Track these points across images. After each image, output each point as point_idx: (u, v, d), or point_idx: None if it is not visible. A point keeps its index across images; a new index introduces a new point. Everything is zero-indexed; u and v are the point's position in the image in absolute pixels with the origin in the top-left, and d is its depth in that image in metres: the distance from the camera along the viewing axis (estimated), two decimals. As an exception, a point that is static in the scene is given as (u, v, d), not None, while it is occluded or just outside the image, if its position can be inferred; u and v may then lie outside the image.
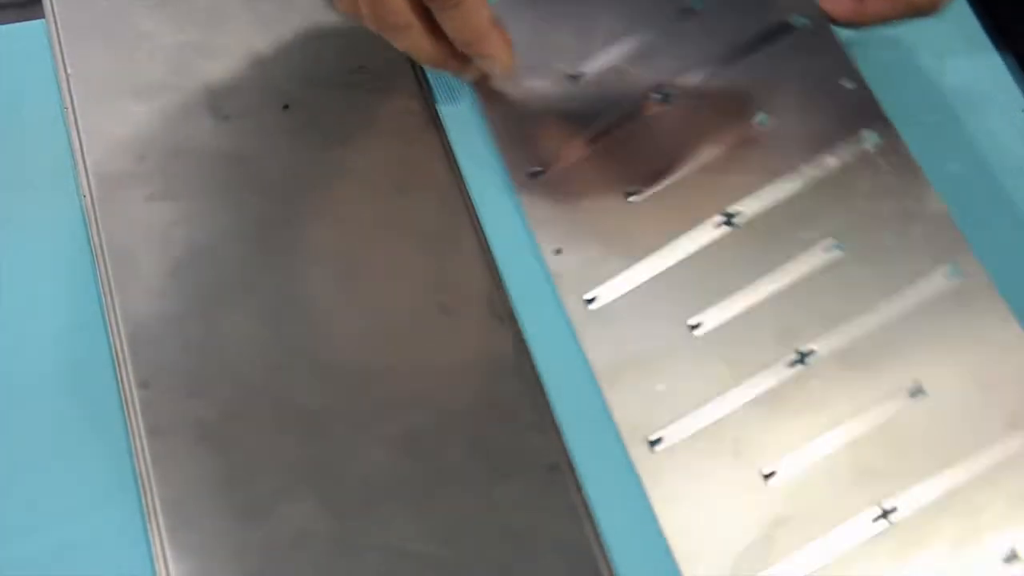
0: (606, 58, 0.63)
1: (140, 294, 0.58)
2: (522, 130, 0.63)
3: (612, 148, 0.61)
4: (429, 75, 0.65)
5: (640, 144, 0.61)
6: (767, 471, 0.53)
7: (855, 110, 0.59)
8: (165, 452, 0.54)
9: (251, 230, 0.60)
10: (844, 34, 0.62)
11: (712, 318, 0.57)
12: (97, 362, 0.57)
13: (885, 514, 0.52)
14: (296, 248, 0.60)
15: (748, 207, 0.58)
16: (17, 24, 0.67)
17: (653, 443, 0.55)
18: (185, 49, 0.65)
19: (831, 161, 0.58)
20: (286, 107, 0.63)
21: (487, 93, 0.64)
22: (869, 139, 0.58)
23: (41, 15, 0.66)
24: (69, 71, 0.64)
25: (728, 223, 0.58)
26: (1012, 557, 0.50)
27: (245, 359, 0.57)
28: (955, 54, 0.66)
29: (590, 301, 0.58)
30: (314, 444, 0.55)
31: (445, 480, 0.54)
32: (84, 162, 0.62)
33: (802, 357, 0.55)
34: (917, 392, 0.53)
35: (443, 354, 0.57)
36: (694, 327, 0.56)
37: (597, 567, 0.53)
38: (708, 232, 0.58)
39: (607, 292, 0.58)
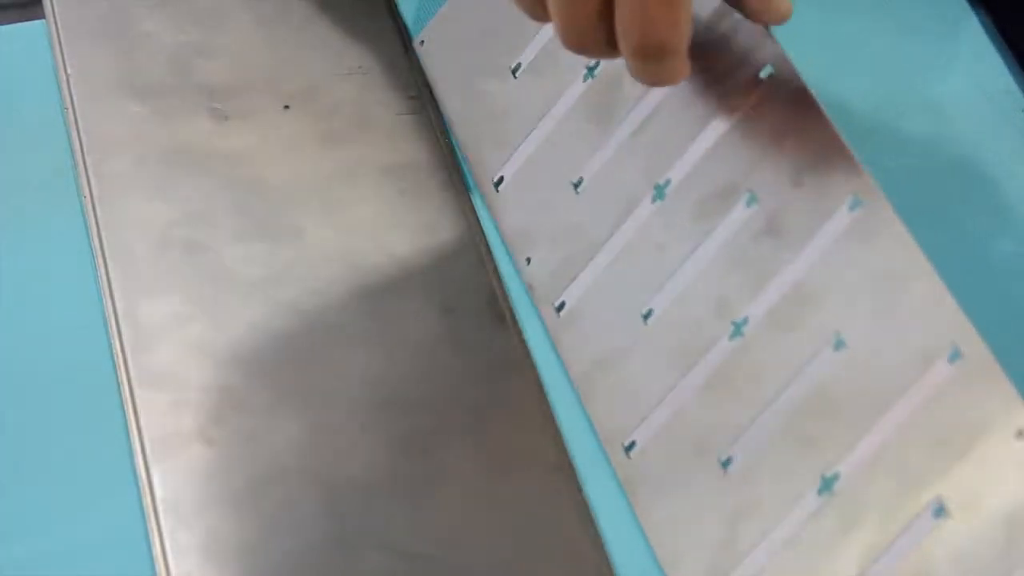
0: (538, 41, 0.61)
1: (140, 294, 0.58)
2: (480, 139, 0.62)
3: (555, 139, 0.60)
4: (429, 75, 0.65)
5: (576, 127, 0.60)
6: (724, 458, 0.52)
7: (750, 43, 0.56)
8: (165, 452, 0.54)
9: (251, 230, 0.60)
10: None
11: (659, 304, 0.55)
12: (97, 362, 0.57)
13: (828, 484, 0.50)
14: (296, 248, 0.60)
15: (674, 175, 0.56)
16: (17, 24, 0.67)
17: (628, 448, 0.54)
18: (185, 49, 0.65)
19: (735, 104, 0.56)
20: (286, 107, 0.63)
21: (448, 106, 0.63)
22: (764, 72, 0.55)
23: (41, 15, 0.66)
24: (69, 71, 0.64)
25: (660, 196, 0.56)
26: (940, 511, 0.48)
27: (245, 359, 0.57)
28: (954, 53, 0.66)
29: (560, 308, 0.58)
30: (314, 444, 0.55)
31: (445, 480, 0.54)
32: (84, 162, 0.62)
33: (738, 328, 0.53)
34: (839, 345, 0.51)
35: (444, 354, 0.57)
36: (646, 317, 0.56)
37: (597, 567, 0.53)
38: (645, 210, 0.57)
39: (572, 296, 0.58)
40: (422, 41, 0.65)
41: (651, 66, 0.52)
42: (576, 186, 0.58)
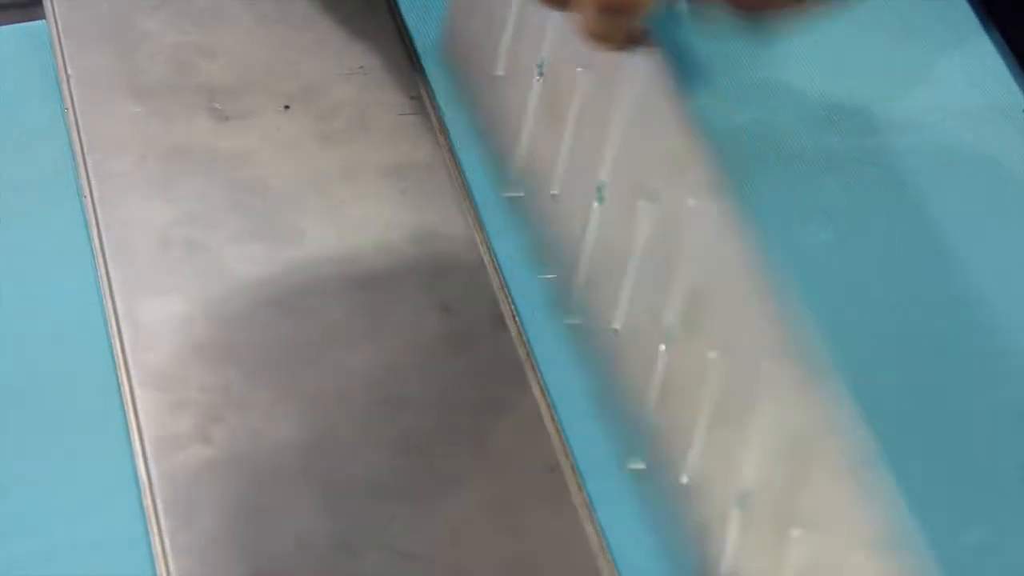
0: (504, 42, 0.61)
1: (140, 294, 0.58)
2: (491, 154, 0.62)
3: (532, 147, 0.60)
4: (430, 75, 0.65)
5: (540, 132, 0.59)
6: (683, 479, 0.51)
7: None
8: (165, 452, 0.54)
9: (251, 230, 0.60)
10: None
11: (620, 315, 0.55)
12: (97, 362, 0.57)
13: (743, 502, 0.48)
14: (296, 248, 0.60)
15: (606, 176, 0.55)
16: (17, 24, 0.67)
17: (630, 470, 0.54)
18: (185, 49, 0.65)
19: (628, 95, 0.55)
20: (286, 107, 0.64)
21: (479, 121, 0.63)
22: (643, 60, 0.54)
23: (41, 15, 0.66)
24: (69, 71, 0.64)
25: (601, 200, 0.55)
26: (810, 526, 0.46)
27: (245, 359, 0.57)
28: (953, 53, 0.66)
29: (569, 326, 0.57)
30: (314, 444, 0.55)
31: (445, 480, 0.54)
32: (84, 162, 0.62)
33: (669, 336, 0.52)
34: (724, 351, 0.50)
35: (444, 354, 0.57)
36: (615, 331, 0.55)
37: (597, 567, 0.53)
38: (595, 215, 0.56)
39: (571, 313, 0.57)
40: (438, 54, 0.65)
41: (610, 19, 0.51)
42: (554, 197, 0.58)
